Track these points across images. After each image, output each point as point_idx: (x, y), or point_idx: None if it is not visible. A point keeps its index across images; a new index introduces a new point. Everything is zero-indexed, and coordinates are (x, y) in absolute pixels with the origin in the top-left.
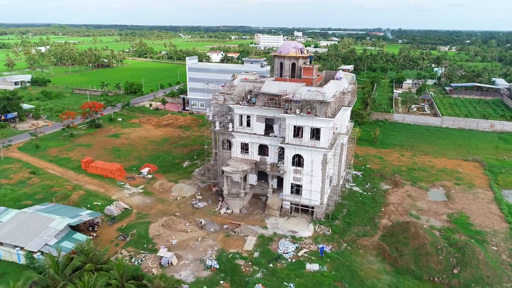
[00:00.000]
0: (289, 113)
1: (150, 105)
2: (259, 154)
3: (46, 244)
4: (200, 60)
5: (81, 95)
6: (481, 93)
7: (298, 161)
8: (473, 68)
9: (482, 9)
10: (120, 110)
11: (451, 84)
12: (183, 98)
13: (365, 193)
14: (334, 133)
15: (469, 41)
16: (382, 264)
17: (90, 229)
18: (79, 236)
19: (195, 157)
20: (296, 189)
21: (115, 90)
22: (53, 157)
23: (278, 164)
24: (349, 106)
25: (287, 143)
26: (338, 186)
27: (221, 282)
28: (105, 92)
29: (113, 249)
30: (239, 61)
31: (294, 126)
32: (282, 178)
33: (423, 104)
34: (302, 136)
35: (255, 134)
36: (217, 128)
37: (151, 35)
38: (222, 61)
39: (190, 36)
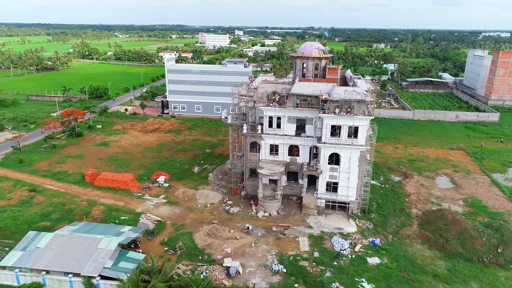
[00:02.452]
0: (328, 113)
1: (126, 110)
2: (288, 154)
3: (104, 267)
4: (152, 61)
5: (40, 101)
6: (433, 87)
7: (334, 159)
8: (416, 64)
9: (402, 9)
10: (95, 116)
11: (407, 79)
12: (162, 101)
13: (383, 185)
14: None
15: (397, 38)
16: (432, 251)
17: (133, 246)
18: (133, 255)
19: (202, 161)
20: (333, 187)
21: (79, 95)
22: (45, 171)
23: (312, 164)
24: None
25: (324, 142)
26: (363, 180)
27: (296, 285)
28: (68, 98)
29: (167, 264)
30: (195, 61)
31: (332, 126)
32: (313, 177)
33: (389, 98)
34: (339, 135)
35: (286, 135)
36: (245, 131)
37: (85, 34)
38: (176, 61)
39: (128, 36)
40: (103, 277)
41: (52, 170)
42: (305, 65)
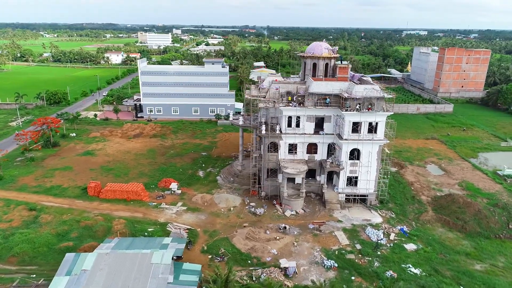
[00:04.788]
0: (349, 111)
1: (95, 115)
2: (306, 153)
3: (167, 282)
4: (98, 62)
5: None
6: (385, 82)
7: (355, 155)
8: (363, 61)
9: (330, 8)
10: (62, 123)
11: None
12: (135, 104)
13: (385, 176)
14: None
15: (331, 37)
16: (453, 233)
17: (175, 257)
18: (190, 266)
19: (203, 165)
20: (354, 181)
21: (34, 101)
22: (36, 187)
23: (331, 160)
24: None
25: (346, 139)
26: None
27: (353, 278)
28: (23, 105)
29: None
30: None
31: (354, 122)
32: (329, 173)
33: None
34: (360, 131)
35: (305, 134)
36: (263, 132)
37: (5, 34)
38: (124, 62)
39: (55, 35)
40: None
41: (44, 186)
42: (315, 65)
